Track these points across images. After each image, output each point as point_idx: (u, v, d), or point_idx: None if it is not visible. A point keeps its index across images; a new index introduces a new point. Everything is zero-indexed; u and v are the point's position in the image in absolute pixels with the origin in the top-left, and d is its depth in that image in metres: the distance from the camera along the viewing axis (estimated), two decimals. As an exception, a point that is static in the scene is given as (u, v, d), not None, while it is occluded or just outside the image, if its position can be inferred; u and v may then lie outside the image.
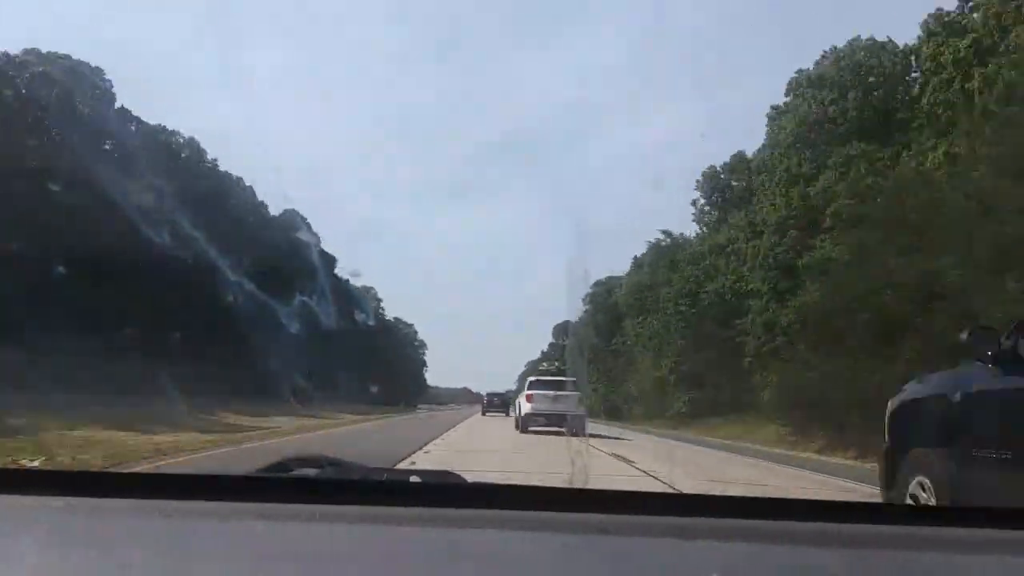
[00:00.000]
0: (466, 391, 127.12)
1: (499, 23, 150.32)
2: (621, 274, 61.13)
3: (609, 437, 21.01)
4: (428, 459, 12.35)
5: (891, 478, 4.21)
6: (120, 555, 1.14)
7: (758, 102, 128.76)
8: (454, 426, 24.44)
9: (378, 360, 52.66)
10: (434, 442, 16.14)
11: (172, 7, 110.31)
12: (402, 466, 9.26)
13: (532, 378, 22.09)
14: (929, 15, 28.28)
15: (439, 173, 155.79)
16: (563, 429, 18.41)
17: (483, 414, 37.54)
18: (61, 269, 23.88)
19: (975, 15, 26.26)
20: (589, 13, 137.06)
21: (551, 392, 19.50)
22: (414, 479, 1.57)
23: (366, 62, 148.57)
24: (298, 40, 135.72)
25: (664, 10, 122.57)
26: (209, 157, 44.07)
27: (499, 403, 38.68)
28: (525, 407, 19.46)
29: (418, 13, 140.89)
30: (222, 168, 44.64)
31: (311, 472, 1.59)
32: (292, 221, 43.28)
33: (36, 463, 9.48)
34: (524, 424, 19.51)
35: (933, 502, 4.14)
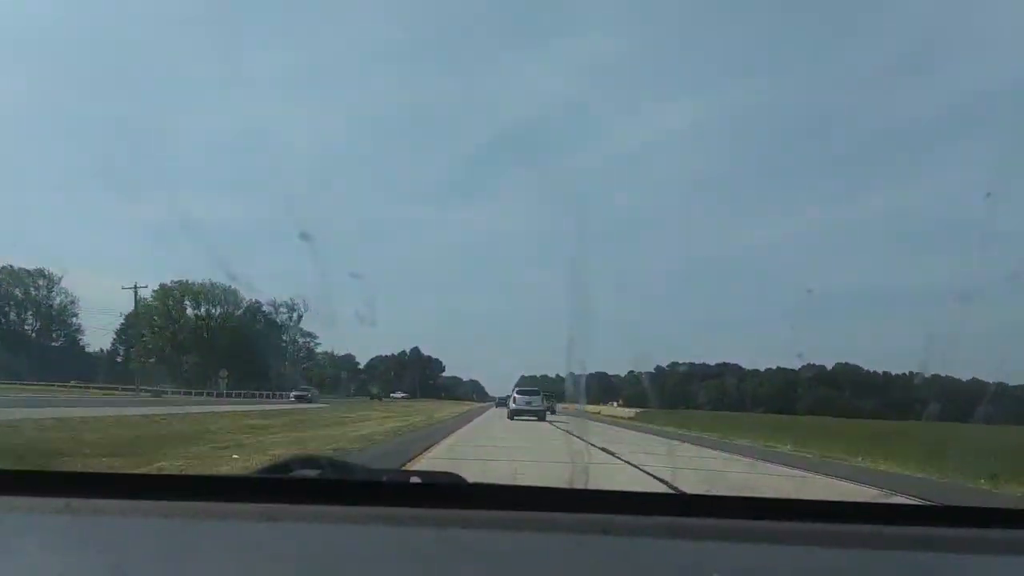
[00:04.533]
0: (475, 383, 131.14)
1: (498, 22, 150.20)
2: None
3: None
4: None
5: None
6: (121, 556, 1.14)
7: (755, 101, 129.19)
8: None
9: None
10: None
11: (175, 10, 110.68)
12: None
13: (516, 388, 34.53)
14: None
15: (442, 176, 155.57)
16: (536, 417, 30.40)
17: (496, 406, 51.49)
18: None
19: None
20: (588, 11, 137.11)
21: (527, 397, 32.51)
22: (415, 480, 1.57)
23: (364, 63, 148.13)
24: (297, 42, 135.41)
25: (662, 9, 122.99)
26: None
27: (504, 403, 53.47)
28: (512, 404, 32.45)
29: (415, 12, 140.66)
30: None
31: (312, 473, 1.59)
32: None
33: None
34: (511, 413, 31.44)
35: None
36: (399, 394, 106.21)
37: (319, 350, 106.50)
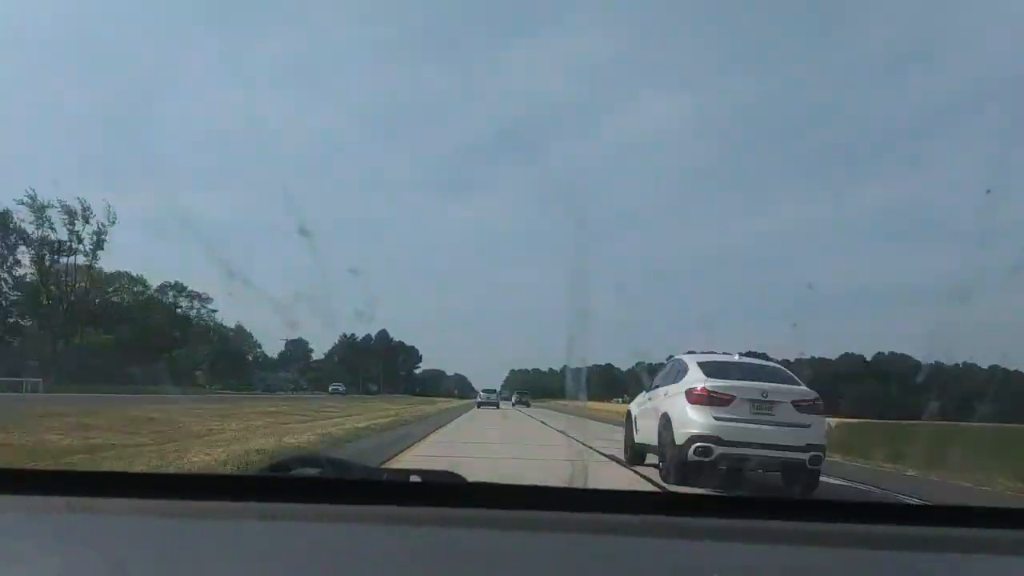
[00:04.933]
0: (460, 377, 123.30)
1: (495, 18, 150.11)
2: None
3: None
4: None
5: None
6: (120, 555, 1.14)
7: (752, 98, 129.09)
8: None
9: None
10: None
11: (169, 6, 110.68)
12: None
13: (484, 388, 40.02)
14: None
15: (437, 170, 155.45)
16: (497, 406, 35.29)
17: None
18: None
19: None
20: (584, 7, 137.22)
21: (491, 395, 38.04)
22: (414, 478, 1.57)
23: (363, 60, 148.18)
24: (294, 38, 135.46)
25: (659, 4, 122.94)
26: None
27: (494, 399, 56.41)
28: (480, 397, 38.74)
29: (413, 8, 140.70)
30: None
31: (311, 472, 1.59)
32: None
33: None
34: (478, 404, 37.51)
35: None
36: (337, 387, 71.41)
37: (217, 321, 72.29)
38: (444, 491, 1.46)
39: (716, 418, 8.64)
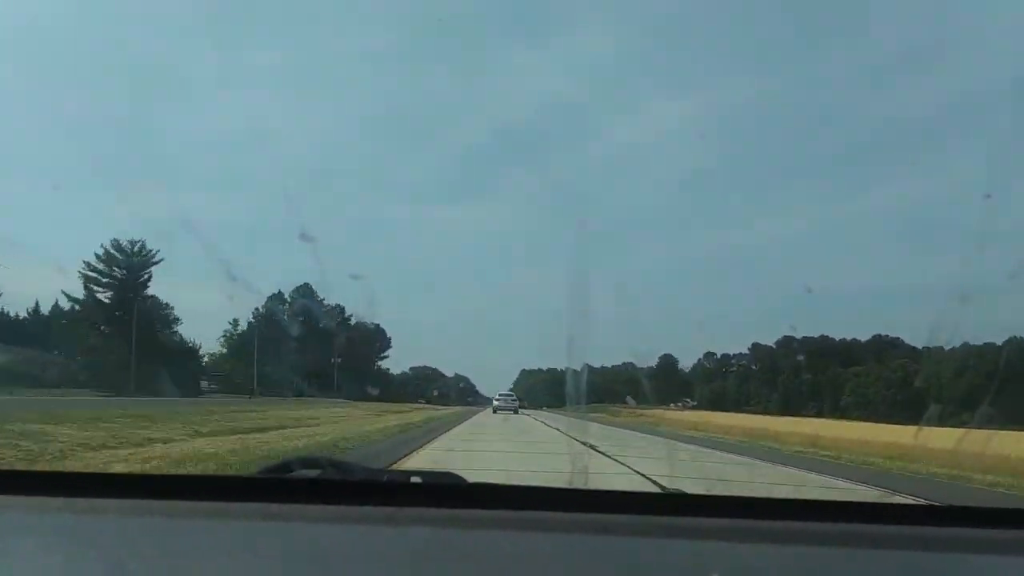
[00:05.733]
0: (461, 378, 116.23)
1: (498, 23, 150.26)
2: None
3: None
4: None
5: None
6: (120, 555, 1.14)
7: (755, 101, 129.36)
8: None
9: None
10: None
11: (171, 8, 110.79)
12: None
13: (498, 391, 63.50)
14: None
15: (440, 173, 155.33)
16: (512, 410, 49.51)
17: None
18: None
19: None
20: (585, 10, 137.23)
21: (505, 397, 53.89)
22: (415, 479, 1.57)
23: (363, 61, 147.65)
24: (295, 40, 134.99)
25: (661, 6, 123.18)
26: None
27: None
28: (495, 402, 52.53)
29: (415, 11, 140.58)
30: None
31: (312, 473, 1.59)
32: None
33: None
34: (495, 408, 51.04)
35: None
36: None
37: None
38: (445, 492, 1.46)
39: (497, 403, 47.50)
